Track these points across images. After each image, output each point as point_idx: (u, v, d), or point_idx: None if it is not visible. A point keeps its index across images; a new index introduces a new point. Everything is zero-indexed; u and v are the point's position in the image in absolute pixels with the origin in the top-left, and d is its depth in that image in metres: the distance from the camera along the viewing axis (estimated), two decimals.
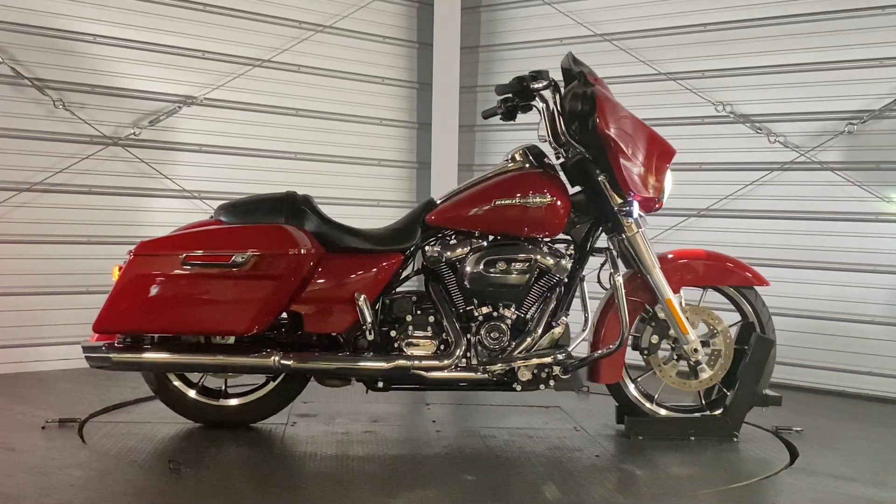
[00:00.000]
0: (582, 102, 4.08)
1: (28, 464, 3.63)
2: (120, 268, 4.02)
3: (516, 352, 4.10)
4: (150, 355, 4.02)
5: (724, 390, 4.38)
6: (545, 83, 4.21)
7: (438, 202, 4.25)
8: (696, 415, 4.38)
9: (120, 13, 5.85)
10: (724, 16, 6.03)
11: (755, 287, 4.43)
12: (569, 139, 4.17)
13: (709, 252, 4.51)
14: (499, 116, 4.38)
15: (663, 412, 4.38)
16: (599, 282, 4.34)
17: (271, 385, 4.28)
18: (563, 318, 4.19)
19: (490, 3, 7.16)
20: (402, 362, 4.04)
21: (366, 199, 6.89)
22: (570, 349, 4.17)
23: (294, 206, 4.10)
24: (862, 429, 4.71)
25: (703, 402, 4.42)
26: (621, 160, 4.11)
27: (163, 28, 6.02)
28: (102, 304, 4.00)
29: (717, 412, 4.35)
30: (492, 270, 4.11)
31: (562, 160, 4.32)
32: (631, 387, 4.37)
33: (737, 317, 4.47)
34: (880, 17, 5.48)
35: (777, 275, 5.78)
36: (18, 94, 5.54)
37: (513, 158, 4.27)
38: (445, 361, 4.06)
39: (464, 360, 4.09)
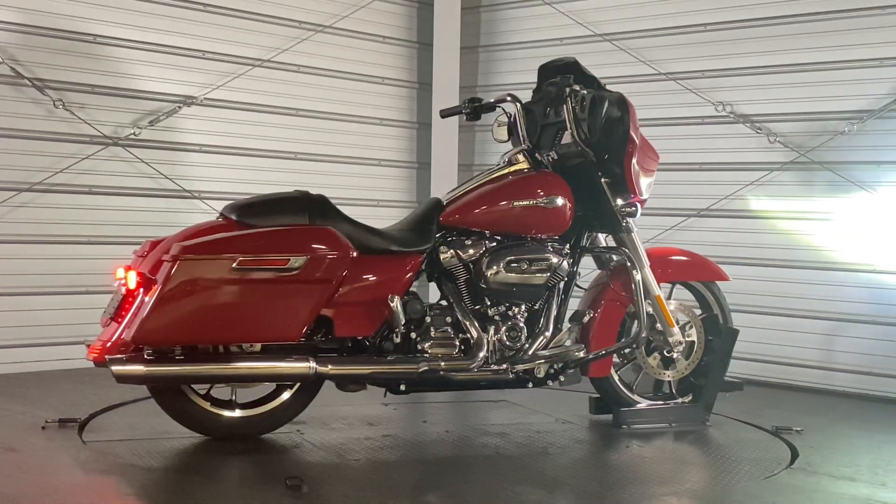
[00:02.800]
0: (618, 107, 4.23)
1: (28, 464, 3.62)
2: (129, 269, 3.78)
3: (533, 349, 4.17)
4: (188, 367, 3.75)
5: (692, 378, 4.58)
6: (582, 90, 4.31)
7: (446, 202, 4.24)
8: (672, 403, 4.58)
9: (120, 13, 5.86)
10: (724, 16, 6.04)
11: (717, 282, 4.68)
12: (578, 141, 4.24)
13: (679, 249, 4.75)
14: (465, 116, 4.57)
15: (643, 402, 4.54)
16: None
17: (287, 393, 4.09)
18: (588, 315, 4.36)
19: (490, 3, 7.16)
20: (432, 364, 4.00)
21: (366, 199, 6.88)
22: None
23: (317, 207, 3.95)
24: (862, 429, 4.71)
25: (673, 391, 4.62)
26: (633, 164, 4.28)
27: (163, 28, 6.02)
28: (144, 313, 3.63)
29: (687, 399, 4.59)
30: (513, 270, 4.14)
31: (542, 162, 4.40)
32: (616, 379, 4.51)
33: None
34: (880, 17, 5.48)
35: (776, 275, 5.80)
36: (18, 94, 5.54)
37: (513, 160, 4.34)
38: (470, 362, 4.05)
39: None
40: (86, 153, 5.74)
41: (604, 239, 4.51)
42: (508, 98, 4.44)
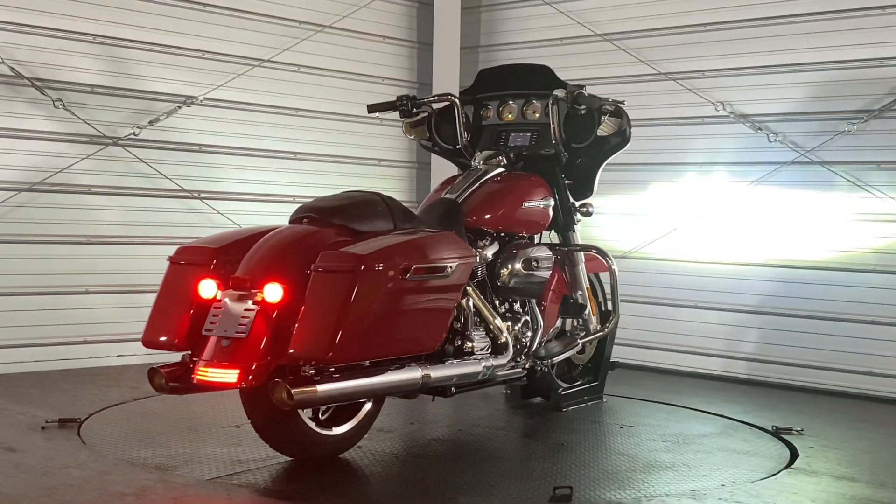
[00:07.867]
0: (625, 116, 4.48)
1: (28, 464, 3.63)
2: (267, 283, 3.37)
3: (537, 343, 4.31)
4: (352, 383, 3.41)
5: (575, 362, 4.98)
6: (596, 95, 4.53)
7: (461, 203, 4.23)
8: (580, 385, 4.97)
9: (120, 13, 5.85)
10: (724, 16, 6.03)
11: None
12: (559, 143, 4.49)
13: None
14: (398, 112, 4.75)
15: (563, 385, 4.86)
16: None
17: (368, 405, 3.90)
18: (590, 309, 4.63)
19: (490, 3, 7.16)
20: (487, 364, 3.97)
21: None
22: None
23: (396, 208, 3.81)
24: (862, 429, 4.71)
25: (574, 374, 5.02)
26: (603, 166, 4.63)
27: (163, 28, 6.02)
28: (330, 328, 3.27)
29: (587, 380, 5.03)
30: (529, 268, 4.25)
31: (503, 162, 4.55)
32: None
33: None
34: (880, 17, 5.48)
35: (775, 275, 5.80)
36: (18, 94, 5.54)
37: (493, 163, 4.49)
38: (506, 359, 4.08)
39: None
40: (86, 153, 5.74)
41: (548, 236, 4.77)
42: (450, 97, 4.69)
